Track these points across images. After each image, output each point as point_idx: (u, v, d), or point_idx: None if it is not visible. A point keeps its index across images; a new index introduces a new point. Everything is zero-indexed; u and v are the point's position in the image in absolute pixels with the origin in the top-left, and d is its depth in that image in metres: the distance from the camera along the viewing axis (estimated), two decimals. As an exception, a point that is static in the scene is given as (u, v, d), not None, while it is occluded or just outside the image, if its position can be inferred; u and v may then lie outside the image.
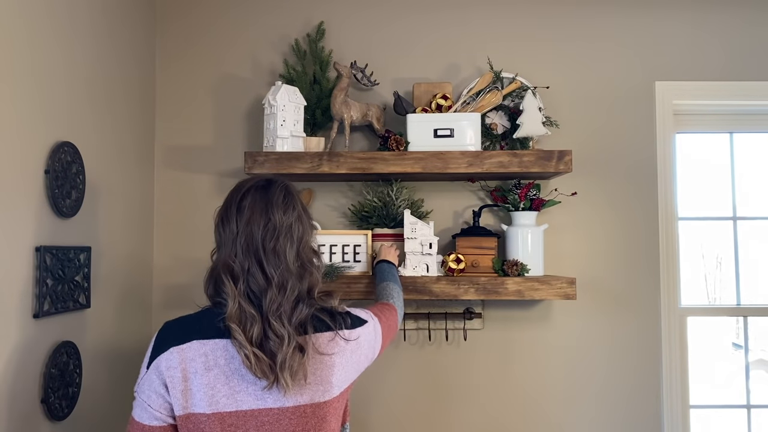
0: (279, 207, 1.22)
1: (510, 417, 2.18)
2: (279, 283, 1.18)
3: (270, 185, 1.26)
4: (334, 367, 1.21)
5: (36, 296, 1.45)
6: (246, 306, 1.16)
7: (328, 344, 1.22)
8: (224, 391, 1.14)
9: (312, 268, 1.26)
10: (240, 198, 1.24)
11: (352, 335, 1.26)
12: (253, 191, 1.24)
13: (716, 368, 2.40)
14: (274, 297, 1.17)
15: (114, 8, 1.91)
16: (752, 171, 2.36)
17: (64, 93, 1.60)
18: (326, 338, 1.22)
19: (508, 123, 2.15)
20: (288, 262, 1.20)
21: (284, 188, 1.26)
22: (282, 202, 1.24)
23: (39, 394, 1.47)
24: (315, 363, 1.19)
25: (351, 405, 2.17)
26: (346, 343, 1.24)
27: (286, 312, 1.17)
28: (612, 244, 2.21)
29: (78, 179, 1.63)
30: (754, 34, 2.25)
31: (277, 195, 1.24)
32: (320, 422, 1.19)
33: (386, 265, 1.84)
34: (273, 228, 1.20)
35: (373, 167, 1.97)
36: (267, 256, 1.19)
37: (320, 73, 2.17)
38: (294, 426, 1.16)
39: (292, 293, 1.19)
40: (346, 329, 1.26)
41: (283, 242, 1.21)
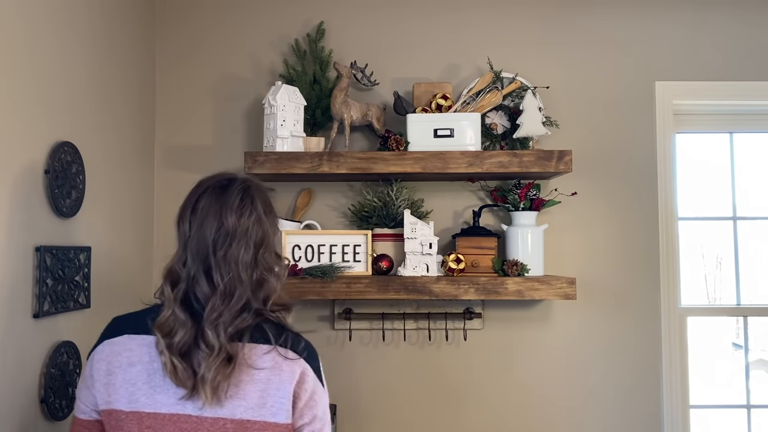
0: (234, 210, 1.14)
1: (510, 417, 2.18)
2: (224, 292, 1.10)
3: (228, 186, 1.18)
4: (263, 383, 1.09)
5: (36, 296, 1.45)
6: (180, 313, 1.10)
7: (261, 357, 1.10)
8: (144, 390, 1.10)
9: (269, 276, 1.17)
10: (196, 199, 1.17)
11: (290, 356, 1.12)
12: (209, 192, 1.17)
13: (716, 368, 2.40)
14: (216, 305, 1.09)
15: (114, 8, 1.91)
16: (752, 171, 2.36)
17: (64, 93, 1.60)
18: (261, 350, 1.11)
19: (508, 123, 2.15)
20: (240, 270, 1.12)
21: (243, 189, 1.18)
22: (238, 205, 1.15)
23: (39, 394, 1.47)
24: (241, 376, 1.09)
25: (350, 405, 2.18)
26: (283, 360, 1.11)
27: (226, 322, 1.09)
28: (612, 244, 2.21)
29: (78, 179, 1.63)
30: (753, 35, 2.25)
31: (234, 197, 1.16)
32: None
33: None
34: (226, 233, 1.13)
35: (373, 167, 1.97)
36: (217, 262, 1.12)
37: (320, 73, 2.17)
38: None
39: (239, 302, 1.11)
40: (287, 348, 1.12)
41: (236, 248, 1.13)
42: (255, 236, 1.16)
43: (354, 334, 2.19)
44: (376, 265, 2.06)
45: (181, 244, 1.17)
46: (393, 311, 2.18)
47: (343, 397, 2.18)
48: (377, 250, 2.09)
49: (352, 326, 2.16)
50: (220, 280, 1.11)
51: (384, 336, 2.20)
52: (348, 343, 2.20)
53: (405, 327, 2.16)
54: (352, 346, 2.20)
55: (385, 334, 2.20)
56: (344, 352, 2.21)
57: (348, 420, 2.17)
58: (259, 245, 1.16)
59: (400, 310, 2.18)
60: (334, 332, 2.21)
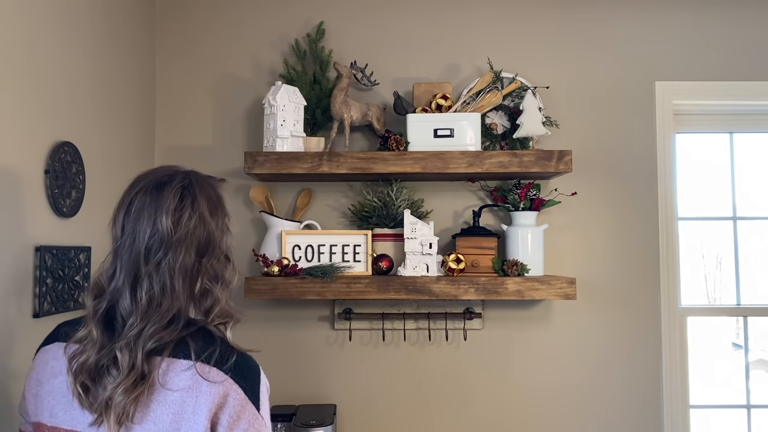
0: (171, 213, 1.00)
1: (510, 417, 2.18)
2: (146, 307, 0.97)
3: (165, 183, 1.03)
4: (177, 406, 0.94)
5: (36, 296, 1.45)
6: (96, 331, 0.98)
7: (179, 375, 0.95)
8: (63, 404, 0.99)
9: (214, 286, 1.03)
10: (130, 199, 1.03)
11: (213, 374, 0.95)
12: (143, 191, 1.03)
13: (716, 368, 2.40)
14: (134, 323, 0.96)
15: (114, 8, 1.91)
16: (752, 171, 2.36)
17: (64, 93, 1.60)
18: (179, 367, 0.96)
19: (508, 123, 2.15)
20: (174, 280, 0.99)
21: (182, 187, 1.03)
22: (176, 207, 1.01)
23: (39, 394, 1.47)
24: (153, 396, 0.95)
25: (350, 405, 2.18)
26: (202, 380, 0.95)
27: (147, 337, 0.96)
28: (612, 243, 2.21)
29: (78, 179, 1.63)
30: (753, 35, 2.25)
31: (171, 198, 1.01)
32: None
33: None
34: (161, 239, 0.99)
35: (373, 167, 1.97)
36: (148, 272, 0.99)
37: (320, 73, 2.17)
38: None
39: (167, 315, 0.98)
40: (210, 365, 0.96)
41: (172, 256, 0.99)
42: (197, 241, 1.02)
43: (354, 334, 2.19)
44: (376, 265, 2.06)
45: (112, 252, 1.03)
46: (393, 311, 2.18)
47: (342, 397, 2.18)
48: (377, 250, 2.09)
49: (352, 326, 2.16)
50: (143, 294, 0.98)
51: (384, 336, 2.20)
52: (348, 343, 2.20)
53: (405, 327, 2.16)
54: (352, 346, 2.20)
55: (385, 334, 2.20)
56: (344, 352, 2.21)
57: (348, 420, 2.17)
58: (202, 251, 1.03)
59: (400, 310, 2.18)
60: (334, 332, 2.21)
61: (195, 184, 1.06)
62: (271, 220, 2.09)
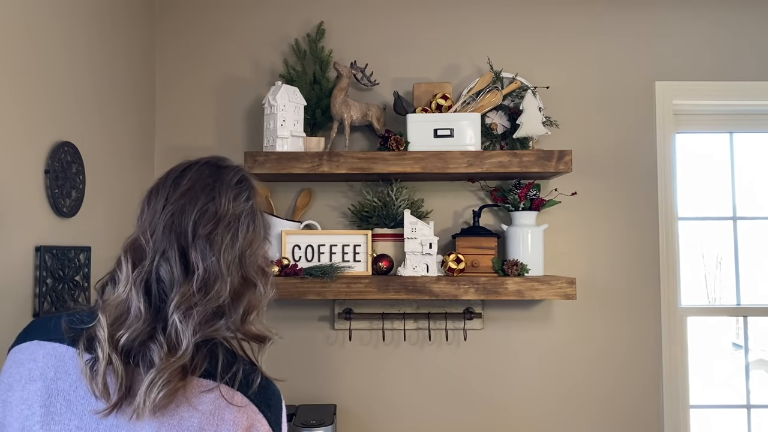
0: (229, 189, 0.92)
1: (510, 416, 2.18)
2: (203, 279, 0.86)
3: (224, 166, 0.96)
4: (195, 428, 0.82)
5: (36, 296, 1.45)
6: (135, 297, 0.84)
7: (200, 396, 0.84)
8: (38, 416, 0.84)
9: (258, 281, 0.93)
10: (182, 170, 0.94)
11: (236, 398, 0.85)
12: (200, 165, 0.94)
13: (716, 368, 2.40)
14: (189, 294, 0.84)
15: (114, 8, 1.91)
16: (752, 171, 2.36)
17: (64, 93, 1.60)
18: (202, 386, 0.84)
19: (508, 123, 2.15)
20: (222, 260, 0.88)
21: (241, 173, 0.97)
22: (235, 185, 0.94)
23: (39, 394, 1.47)
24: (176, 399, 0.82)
25: (350, 405, 2.18)
26: (226, 405, 0.84)
27: (197, 318, 0.84)
28: (612, 243, 2.21)
29: (78, 179, 1.63)
30: (754, 34, 2.25)
31: (232, 175, 0.94)
32: None
33: None
34: (214, 212, 0.89)
35: (373, 167, 1.97)
36: (196, 242, 0.87)
37: (320, 73, 2.17)
38: None
39: (216, 300, 0.86)
40: (235, 389, 0.85)
41: (222, 233, 0.89)
42: (246, 230, 0.92)
43: (354, 334, 2.19)
44: (376, 265, 2.06)
45: (147, 219, 0.92)
46: (393, 311, 2.18)
47: (342, 397, 2.18)
48: (377, 250, 2.09)
49: (352, 326, 2.16)
50: (200, 263, 0.86)
51: (384, 336, 2.20)
52: (348, 343, 2.20)
53: (405, 327, 2.16)
54: (352, 346, 2.20)
55: (385, 334, 2.20)
56: (344, 352, 2.21)
57: (348, 420, 2.17)
58: (249, 240, 0.93)
59: (400, 310, 2.18)
60: (334, 332, 2.21)
61: (250, 178, 0.99)
62: (271, 220, 2.09)
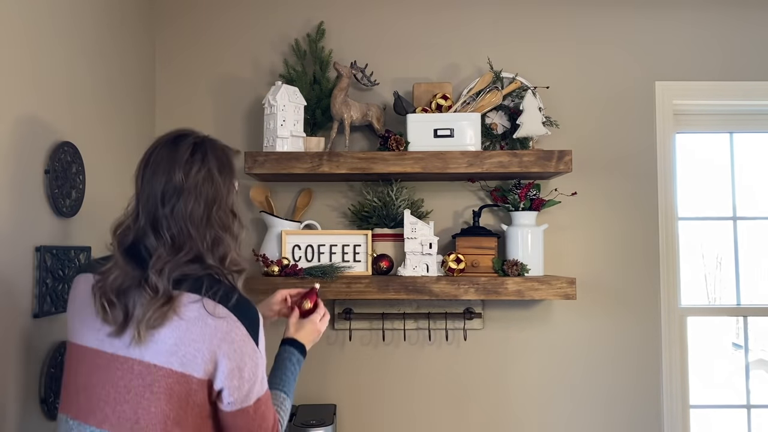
0: (182, 165, 1.14)
1: (510, 417, 2.18)
2: (171, 245, 1.12)
3: (180, 140, 1.18)
4: (181, 332, 1.08)
5: (36, 296, 1.45)
6: (121, 259, 1.13)
7: (187, 305, 1.09)
8: (76, 322, 1.17)
9: (224, 234, 1.17)
10: (149, 153, 1.19)
11: (218, 310, 1.10)
12: (160, 147, 1.18)
13: (716, 368, 2.40)
14: (161, 255, 1.11)
15: (114, 8, 1.91)
16: (752, 171, 2.36)
17: (64, 93, 1.60)
18: (188, 299, 1.10)
19: (508, 123, 2.15)
20: (189, 226, 1.13)
21: (194, 144, 1.18)
22: (187, 160, 1.15)
23: (39, 394, 1.47)
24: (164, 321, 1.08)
25: (350, 405, 2.18)
26: (207, 315, 1.09)
27: (171, 268, 1.10)
28: (612, 244, 2.21)
29: (78, 179, 1.63)
30: (754, 34, 2.25)
31: (183, 151, 1.16)
32: (144, 389, 1.07)
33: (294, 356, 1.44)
34: (173, 188, 1.13)
35: (373, 167, 1.97)
36: (165, 216, 1.13)
37: (320, 73, 2.17)
38: (119, 378, 1.09)
39: (187, 255, 1.12)
40: (216, 301, 1.10)
41: (184, 204, 1.13)
42: (206, 193, 1.16)
43: (354, 334, 2.19)
44: (376, 265, 2.06)
45: (134, 197, 1.19)
46: (393, 311, 2.18)
47: (343, 397, 2.18)
48: (377, 250, 2.09)
49: (352, 326, 2.16)
50: (166, 233, 1.13)
51: (384, 336, 2.20)
52: (348, 343, 2.20)
53: (405, 327, 2.16)
54: (352, 346, 2.20)
55: (385, 334, 2.20)
56: (344, 352, 2.21)
57: (348, 420, 2.17)
58: (211, 203, 1.16)
59: (400, 310, 2.18)
60: (334, 332, 2.21)
61: (207, 144, 1.21)
62: (271, 220, 2.09)
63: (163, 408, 1.07)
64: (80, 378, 1.14)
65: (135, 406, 1.08)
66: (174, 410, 1.08)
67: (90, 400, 1.11)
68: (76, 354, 1.16)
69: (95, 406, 1.10)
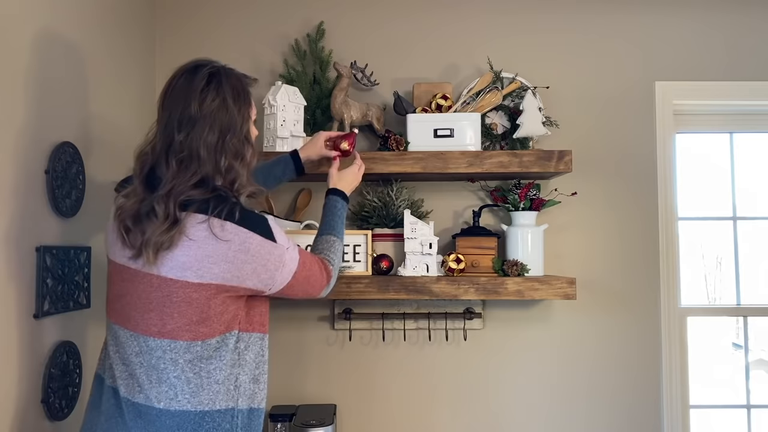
0: (198, 95, 1.21)
1: (510, 417, 2.18)
2: (177, 170, 1.19)
3: (196, 71, 1.25)
4: (193, 249, 1.18)
5: (36, 296, 1.45)
6: (138, 186, 1.22)
7: (195, 226, 1.18)
8: (110, 240, 1.28)
9: (235, 161, 1.23)
10: (169, 82, 1.27)
11: (226, 226, 1.19)
12: (179, 76, 1.26)
13: (716, 368, 2.40)
14: (167, 180, 1.19)
15: (114, 9, 1.91)
16: (752, 171, 2.36)
17: (64, 93, 1.60)
18: (196, 220, 1.19)
19: (508, 123, 2.15)
20: (201, 151, 1.20)
21: (210, 74, 1.25)
22: (201, 90, 1.22)
23: (39, 394, 1.47)
24: (177, 242, 1.18)
25: (350, 405, 2.18)
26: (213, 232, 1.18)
27: (177, 193, 1.18)
28: (612, 244, 2.21)
29: (78, 179, 1.63)
30: (754, 34, 2.25)
31: (199, 81, 1.23)
32: (165, 298, 1.19)
33: (339, 203, 1.63)
34: (189, 117, 1.20)
35: (373, 167, 1.97)
36: (180, 142, 1.20)
37: (320, 73, 2.17)
38: (142, 291, 1.21)
39: (193, 177, 1.19)
40: (223, 219, 1.19)
41: (198, 131, 1.20)
42: (220, 121, 1.22)
43: (354, 334, 2.19)
44: (376, 265, 2.06)
45: (155, 125, 1.27)
46: (393, 311, 2.18)
47: (343, 397, 2.18)
48: (377, 250, 2.09)
49: (352, 326, 2.16)
50: (173, 159, 1.20)
51: (384, 336, 2.20)
52: (348, 343, 2.20)
53: (405, 327, 2.17)
54: (352, 346, 2.20)
55: (385, 334, 2.20)
56: (344, 352, 2.21)
57: (348, 420, 2.17)
58: (225, 131, 1.22)
59: (400, 310, 2.18)
60: (334, 332, 2.21)
61: (222, 74, 1.27)
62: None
63: (185, 312, 1.19)
64: (115, 288, 1.27)
65: (159, 314, 1.20)
66: (196, 313, 1.20)
67: (124, 308, 1.24)
68: (111, 267, 1.29)
69: (128, 314, 1.24)
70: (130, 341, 1.23)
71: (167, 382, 1.20)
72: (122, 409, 1.23)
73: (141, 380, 1.21)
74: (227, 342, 1.23)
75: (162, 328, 1.20)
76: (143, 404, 1.21)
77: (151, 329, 1.21)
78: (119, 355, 1.25)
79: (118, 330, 1.26)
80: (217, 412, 1.22)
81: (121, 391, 1.23)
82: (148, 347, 1.21)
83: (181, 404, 1.20)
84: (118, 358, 1.26)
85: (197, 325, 1.20)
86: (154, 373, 1.21)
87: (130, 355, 1.23)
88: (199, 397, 1.20)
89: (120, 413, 1.23)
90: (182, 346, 1.20)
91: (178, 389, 1.20)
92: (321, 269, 1.41)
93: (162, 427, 1.19)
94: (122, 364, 1.25)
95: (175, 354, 1.20)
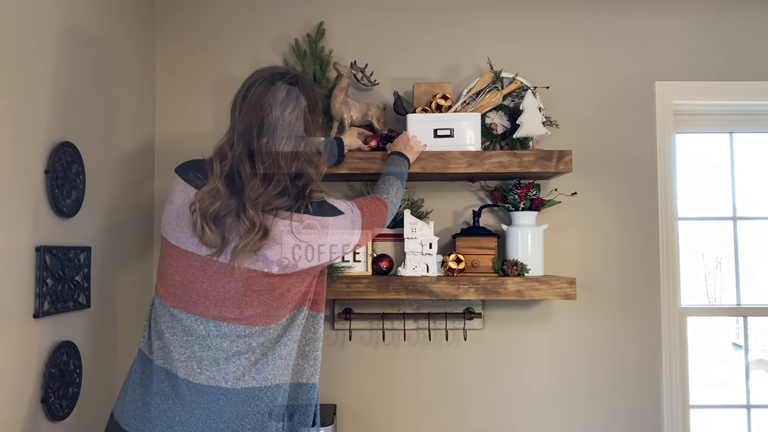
0: (278, 104, 1.28)
1: (510, 416, 2.19)
2: (264, 176, 1.25)
3: (276, 79, 1.31)
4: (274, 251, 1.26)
5: (36, 296, 1.45)
6: (222, 188, 1.25)
7: (280, 228, 1.27)
8: (172, 225, 1.30)
9: (309, 168, 1.31)
10: (247, 87, 1.33)
11: (305, 219, 1.29)
12: (258, 83, 1.31)
13: (716, 368, 2.40)
14: (255, 186, 1.24)
15: (114, 8, 1.91)
16: (752, 171, 2.36)
17: (64, 93, 1.60)
18: (281, 223, 1.27)
19: (508, 123, 2.15)
20: (279, 159, 1.26)
21: (290, 83, 1.31)
22: (283, 100, 1.29)
23: (39, 394, 1.47)
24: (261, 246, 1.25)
25: (350, 405, 2.18)
26: (296, 229, 1.27)
27: (264, 203, 1.25)
28: (612, 244, 2.21)
29: (78, 179, 1.63)
30: (754, 34, 2.25)
31: (280, 91, 1.29)
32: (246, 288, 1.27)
33: (398, 158, 1.81)
34: (269, 124, 1.27)
35: (373, 167, 1.97)
36: (260, 149, 1.26)
37: (320, 73, 2.17)
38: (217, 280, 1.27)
39: (276, 187, 1.26)
40: (305, 213, 1.29)
41: (278, 139, 1.27)
42: (296, 130, 1.30)
43: (354, 334, 2.19)
44: (376, 265, 2.06)
45: (231, 127, 1.32)
46: (393, 311, 2.18)
47: (343, 397, 2.18)
48: (377, 250, 2.09)
49: (352, 326, 2.16)
50: (260, 165, 1.25)
51: (384, 336, 2.20)
52: (348, 343, 2.20)
53: (405, 327, 2.17)
54: (352, 346, 2.20)
55: (385, 334, 2.20)
56: (344, 352, 2.21)
57: (348, 420, 2.17)
58: (301, 139, 1.30)
59: (400, 310, 2.18)
60: (334, 332, 2.21)
61: (300, 85, 1.33)
62: (271, 220, 2.09)
63: (265, 300, 1.27)
64: (176, 273, 1.30)
65: (238, 303, 1.26)
66: (276, 300, 1.28)
67: (189, 294, 1.28)
68: (171, 251, 1.31)
69: (196, 300, 1.28)
70: (196, 325, 1.28)
71: (237, 363, 1.26)
72: (178, 391, 1.26)
73: (206, 362, 1.26)
74: (295, 319, 1.33)
75: (239, 315, 1.26)
76: (207, 385, 1.25)
77: (227, 316, 1.27)
78: (177, 338, 1.29)
79: (180, 314, 1.29)
80: (276, 387, 1.29)
81: (180, 374, 1.27)
82: (220, 332, 1.27)
83: (247, 382, 1.26)
84: (176, 341, 1.29)
85: (276, 310, 1.29)
86: (222, 354, 1.26)
87: (194, 338, 1.27)
88: (263, 374, 1.27)
89: (176, 394, 1.26)
90: (258, 331, 1.27)
91: (246, 368, 1.26)
92: (379, 206, 1.55)
93: (227, 405, 1.24)
94: (181, 347, 1.28)
95: (249, 339, 1.27)
